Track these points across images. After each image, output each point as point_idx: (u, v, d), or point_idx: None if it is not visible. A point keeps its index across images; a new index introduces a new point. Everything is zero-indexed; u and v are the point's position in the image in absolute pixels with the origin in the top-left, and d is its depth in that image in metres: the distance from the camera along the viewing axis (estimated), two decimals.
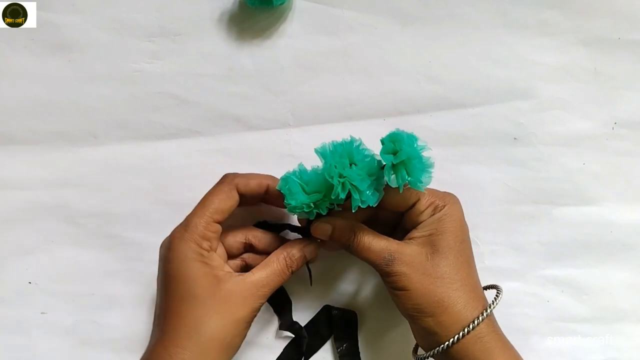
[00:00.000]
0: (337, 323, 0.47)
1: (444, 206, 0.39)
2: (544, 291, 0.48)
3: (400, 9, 0.46)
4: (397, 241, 0.39)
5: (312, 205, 0.37)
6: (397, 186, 0.35)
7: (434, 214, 0.39)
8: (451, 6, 0.46)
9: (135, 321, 0.48)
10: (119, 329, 0.48)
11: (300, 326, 0.46)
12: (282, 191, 0.38)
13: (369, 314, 0.48)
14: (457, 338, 0.36)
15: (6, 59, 0.47)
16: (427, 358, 0.39)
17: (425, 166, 0.35)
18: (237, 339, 0.38)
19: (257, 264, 0.40)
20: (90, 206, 0.48)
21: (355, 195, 0.35)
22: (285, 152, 0.47)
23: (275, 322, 0.47)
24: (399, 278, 0.37)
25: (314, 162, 0.47)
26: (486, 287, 0.41)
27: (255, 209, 0.45)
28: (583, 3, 0.46)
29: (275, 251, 0.40)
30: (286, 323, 0.46)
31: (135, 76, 0.47)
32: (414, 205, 0.39)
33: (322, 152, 0.37)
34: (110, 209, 0.48)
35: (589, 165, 0.48)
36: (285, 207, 0.38)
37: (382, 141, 0.36)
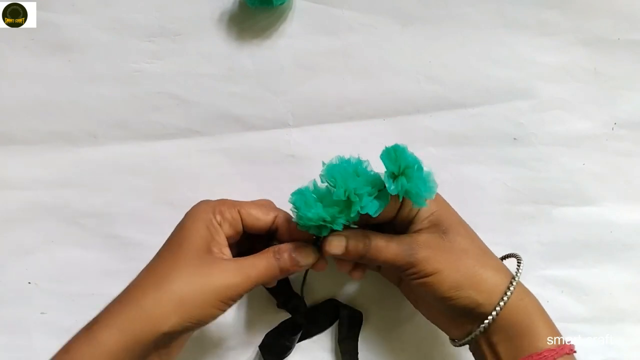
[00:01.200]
0: (343, 321, 0.47)
1: None
2: (544, 291, 0.48)
3: (400, 9, 0.46)
4: (408, 235, 0.38)
5: (329, 218, 0.35)
6: (396, 193, 0.34)
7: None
8: (451, 6, 0.46)
9: None
10: None
11: (299, 295, 0.46)
12: (295, 205, 0.36)
13: (373, 315, 0.48)
14: (506, 300, 0.36)
15: (6, 59, 0.47)
16: (474, 338, 0.38)
17: (426, 178, 0.35)
18: (199, 309, 0.35)
19: None
20: (90, 206, 0.48)
21: (355, 199, 0.35)
22: (285, 152, 0.47)
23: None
24: (427, 263, 0.36)
25: (313, 162, 0.47)
26: (502, 257, 0.41)
27: None
28: (583, 3, 0.46)
29: (267, 248, 0.39)
30: (283, 295, 0.46)
31: (135, 76, 0.47)
32: (401, 205, 0.39)
33: (329, 174, 0.36)
34: (110, 209, 0.48)
35: (589, 165, 0.48)
36: (298, 222, 0.36)
37: (384, 151, 0.35)
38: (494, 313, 0.36)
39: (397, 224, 0.40)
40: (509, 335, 0.36)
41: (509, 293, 0.36)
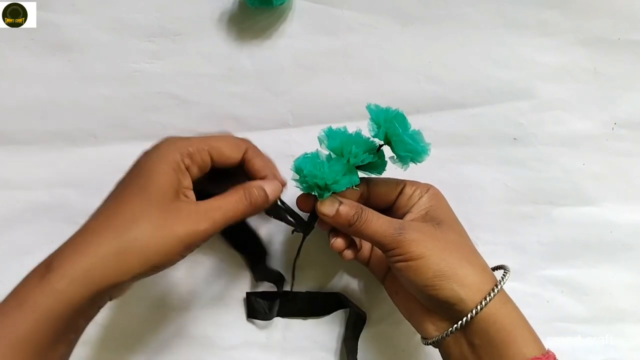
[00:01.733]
0: (350, 320, 0.47)
1: (429, 189, 0.40)
2: (544, 291, 0.48)
3: (400, 9, 0.46)
4: (401, 219, 0.38)
5: (331, 179, 0.36)
6: (381, 141, 0.36)
7: (422, 197, 0.39)
8: (451, 6, 0.46)
9: (135, 321, 0.48)
10: (118, 329, 0.48)
11: (279, 272, 0.46)
12: (301, 165, 0.37)
13: (374, 313, 0.48)
14: (489, 299, 0.35)
15: (6, 59, 0.47)
16: (449, 335, 0.37)
17: (412, 134, 0.36)
18: (162, 257, 0.33)
19: None
20: (90, 206, 0.47)
21: (352, 151, 0.36)
22: (285, 152, 0.47)
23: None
24: (414, 245, 0.36)
25: None
26: (493, 268, 0.40)
27: None
28: (583, 3, 0.46)
29: (236, 186, 0.38)
30: (262, 273, 0.46)
31: (135, 76, 0.47)
32: (401, 191, 0.39)
33: (328, 135, 0.38)
34: None
35: (589, 165, 0.48)
36: (301, 183, 0.37)
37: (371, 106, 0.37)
38: (474, 310, 0.35)
39: (395, 211, 0.40)
40: (491, 340, 0.35)
41: (492, 294, 0.35)
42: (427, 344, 0.38)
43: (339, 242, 0.41)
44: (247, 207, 0.37)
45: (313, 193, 0.37)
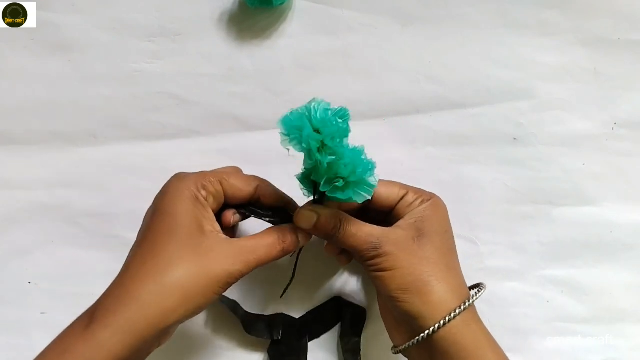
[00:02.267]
0: (346, 318, 0.47)
1: (430, 199, 0.39)
2: (544, 291, 0.48)
3: (400, 9, 0.46)
4: (382, 227, 0.38)
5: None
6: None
7: (419, 206, 0.39)
8: (451, 6, 0.46)
9: None
10: None
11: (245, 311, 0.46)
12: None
13: (375, 312, 0.48)
14: (448, 319, 0.34)
15: (6, 59, 0.47)
16: (410, 347, 0.37)
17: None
18: (201, 298, 0.34)
19: None
20: (90, 206, 0.48)
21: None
22: (285, 152, 0.47)
23: None
24: (386, 258, 0.36)
25: None
26: (471, 287, 0.40)
27: None
28: (583, 3, 0.46)
29: (269, 228, 0.38)
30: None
31: (135, 76, 0.47)
32: (402, 198, 0.39)
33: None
34: (110, 209, 0.48)
35: (589, 165, 0.48)
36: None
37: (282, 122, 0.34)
38: (432, 328, 0.35)
39: (394, 216, 0.40)
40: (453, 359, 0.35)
41: (453, 314, 0.35)
42: (395, 353, 0.39)
43: (329, 247, 0.41)
44: (279, 253, 0.37)
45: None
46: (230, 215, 0.39)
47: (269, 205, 0.40)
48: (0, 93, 0.47)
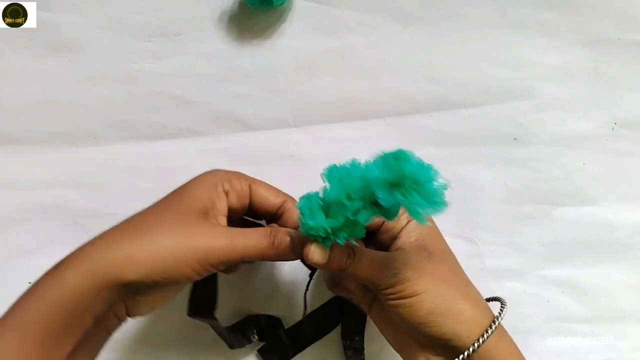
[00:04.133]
0: (348, 316, 0.47)
1: None
2: (544, 291, 0.48)
3: (400, 9, 0.46)
4: (392, 252, 0.36)
5: (329, 230, 0.31)
6: (387, 206, 0.29)
7: (410, 220, 0.37)
8: (451, 6, 0.46)
9: (134, 321, 0.47)
10: (118, 329, 0.47)
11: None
12: (301, 210, 0.33)
13: None
14: (486, 336, 0.33)
15: (6, 59, 0.47)
16: None
17: (432, 193, 0.30)
18: (172, 264, 0.32)
19: None
20: (90, 206, 0.48)
21: (347, 203, 0.30)
22: (285, 152, 0.47)
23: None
24: (408, 284, 0.34)
25: (313, 162, 0.47)
26: (488, 299, 0.39)
27: None
28: (583, 3, 0.46)
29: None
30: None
31: (135, 76, 0.47)
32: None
33: (329, 174, 0.32)
34: (110, 209, 0.48)
35: (589, 165, 0.48)
36: (301, 229, 0.33)
37: (384, 155, 0.30)
38: (471, 348, 0.34)
39: (381, 237, 0.38)
40: None
41: (490, 330, 0.34)
42: None
43: (336, 283, 0.40)
44: (268, 246, 0.35)
45: (318, 240, 0.33)
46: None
47: (290, 224, 0.38)
48: (0, 93, 0.47)
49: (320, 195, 0.33)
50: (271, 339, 0.47)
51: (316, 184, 0.48)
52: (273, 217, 0.39)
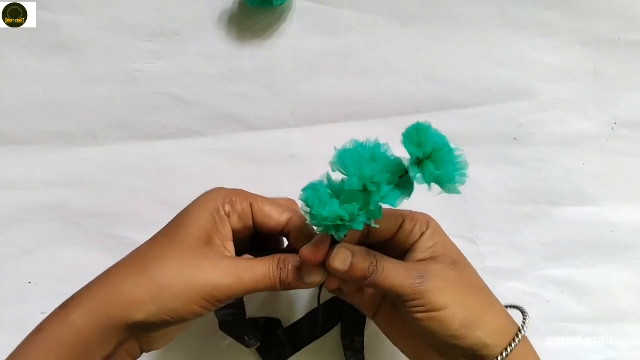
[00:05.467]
0: (347, 317, 0.47)
1: (428, 223, 0.36)
2: (544, 291, 0.48)
3: (400, 9, 0.46)
4: (414, 262, 0.35)
5: (347, 216, 0.29)
6: (425, 184, 0.29)
7: (423, 233, 0.36)
8: (451, 6, 0.46)
9: None
10: None
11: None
12: (308, 203, 0.30)
13: None
14: (514, 345, 0.33)
15: (6, 59, 0.47)
16: None
17: (456, 161, 0.30)
18: (178, 303, 0.31)
19: None
20: (90, 206, 0.48)
21: (373, 188, 0.29)
22: (285, 152, 0.47)
23: None
24: (438, 295, 0.32)
25: (313, 162, 0.47)
26: (506, 307, 0.38)
27: None
28: (583, 3, 0.46)
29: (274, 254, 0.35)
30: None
31: (135, 76, 0.47)
32: (400, 226, 0.36)
33: (340, 160, 0.30)
34: (110, 209, 0.48)
35: (589, 165, 0.48)
36: (312, 222, 0.31)
37: (405, 132, 0.29)
38: (499, 357, 0.33)
39: (393, 250, 0.36)
40: None
41: (517, 339, 0.33)
42: None
43: (333, 281, 0.36)
44: (277, 280, 0.33)
45: (330, 233, 0.31)
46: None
47: (299, 244, 0.35)
48: (0, 93, 0.47)
49: (325, 182, 0.31)
50: (270, 338, 0.47)
51: None
52: (280, 233, 0.37)
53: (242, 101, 0.47)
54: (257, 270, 0.33)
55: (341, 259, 0.32)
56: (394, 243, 0.36)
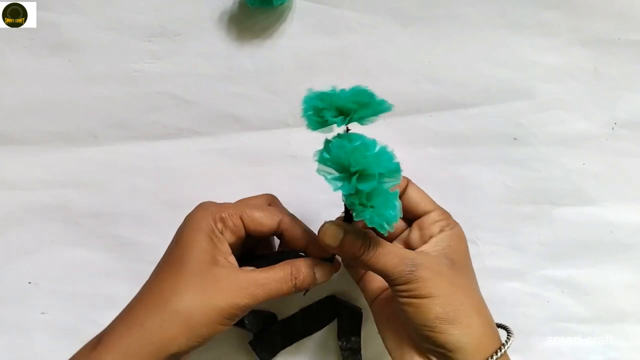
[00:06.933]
0: (343, 317, 0.47)
1: (455, 226, 0.38)
2: (544, 291, 0.48)
3: (400, 9, 0.46)
4: (414, 251, 0.36)
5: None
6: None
7: (442, 231, 0.37)
8: (451, 6, 0.46)
9: None
10: None
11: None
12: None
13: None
14: (496, 358, 0.33)
15: (6, 59, 0.47)
16: None
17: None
18: (204, 328, 0.34)
19: None
20: (90, 206, 0.48)
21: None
22: (285, 152, 0.47)
23: None
24: (423, 284, 0.33)
25: (313, 162, 0.47)
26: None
27: None
28: (583, 3, 0.46)
29: (284, 262, 0.37)
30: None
31: (135, 76, 0.47)
32: (425, 214, 0.37)
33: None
34: (110, 209, 0.48)
35: (589, 165, 0.48)
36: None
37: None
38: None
39: (412, 237, 0.38)
40: None
41: (498, 355, 0.33)
42: None
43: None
44: (290, 289, 0.36)
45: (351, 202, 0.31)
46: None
47: (292, 240, 0.38)
48: (0, 93, 0.47)
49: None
50: (262, 331, 0.47)
51: (316, 184, 0.48)
52: (273, 234, 0.39)
53: (242, 101, 0.47)
54: (269, 285, 0.35)
55: (331, 235, 0.34)
56: (416, 226, 0.38)
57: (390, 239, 0.40)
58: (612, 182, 0.48)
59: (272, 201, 0.42)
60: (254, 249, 0.42)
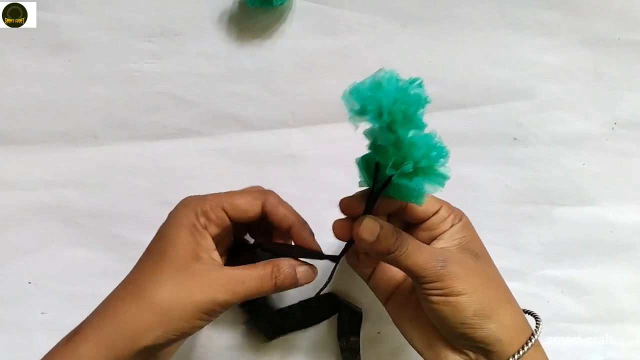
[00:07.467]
0: (343, 316, 0.47)
1: (461, 217, 0.37)
2: (544, 291, 0.48)
3: (400, 9, 0.46)
4: (439, 248, 0.35)
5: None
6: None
7: (453, 224, 0.37)
8: (451, 6, 0.46)
9: None
10: None
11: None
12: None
13: (372, 312, 0.48)
14: (530, 344, 0.33)
15: (6, 59, 0.47)
16: None
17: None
18: (182, 322, 0.33)
19: None
20: (90, 206, 0.48)
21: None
22: (285, 152, 0.47)
23: None
24: (455, 281, 0.33)
25: (313, 162, 0.47)
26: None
27: None
28: (583, 3, 0.46)
29: (267, 260, 0.37)
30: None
31: (135, 76, 0.47)
32: (435, 213, 0.37)
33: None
34: (110, 209, 0.48)
35: (589, 165, 0.48)
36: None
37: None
38: (516, 355, 0.33)
39: (421, 234, 0.37)
40: None
41: (530, 343, 0.33)
42: None
43: (363, 260, 0.39)
44: (271, 288, 0.35)
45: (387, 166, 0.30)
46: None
47: (279, 223, 0.38)
48: (0, 93, 0.47)
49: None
50: (258, 316, 0.47)
51: (316, 184, 0.48)
52: (260, 218, 0.39)
53: (242, 101, 0.47)
54: (250, 283, 0.35)
55: (369, 230, 0.33)
56: (425, 226, 0.37)
57: None
58: (612, 182, 0.48)
59: (266, 193, 0.40)
60: (269, 240, 0.41)
